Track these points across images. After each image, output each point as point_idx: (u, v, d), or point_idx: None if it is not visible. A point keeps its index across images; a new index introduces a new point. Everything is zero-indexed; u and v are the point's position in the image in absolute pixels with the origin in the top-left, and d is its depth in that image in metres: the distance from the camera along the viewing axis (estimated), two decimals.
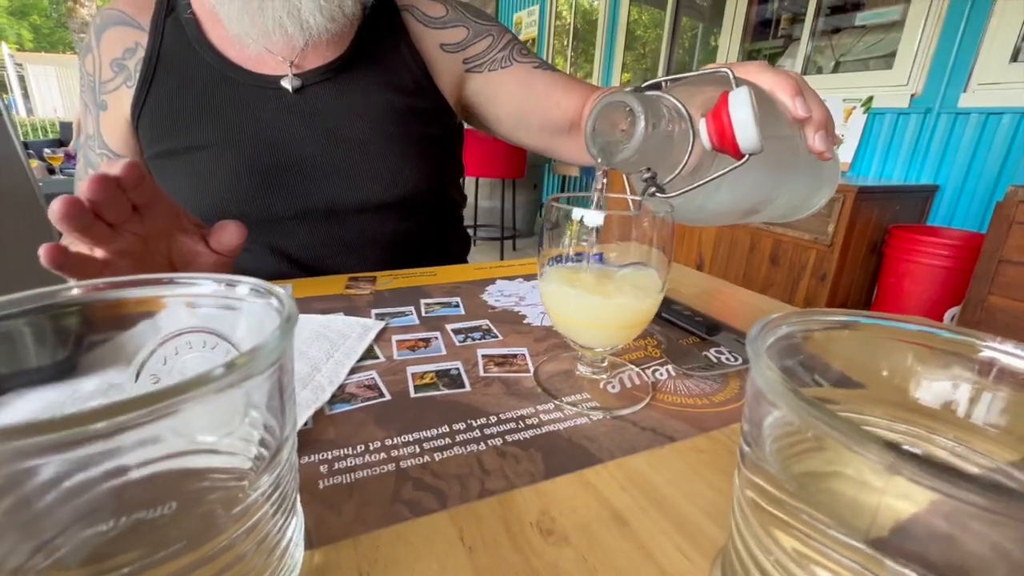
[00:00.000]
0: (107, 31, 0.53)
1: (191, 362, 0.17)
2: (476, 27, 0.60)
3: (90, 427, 0.11)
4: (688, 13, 3.42)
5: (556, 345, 0.33)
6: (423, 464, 0.21)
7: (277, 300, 0.15)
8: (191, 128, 0.51)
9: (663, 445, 0.24)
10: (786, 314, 0.14)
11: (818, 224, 1.82)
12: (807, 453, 0.12)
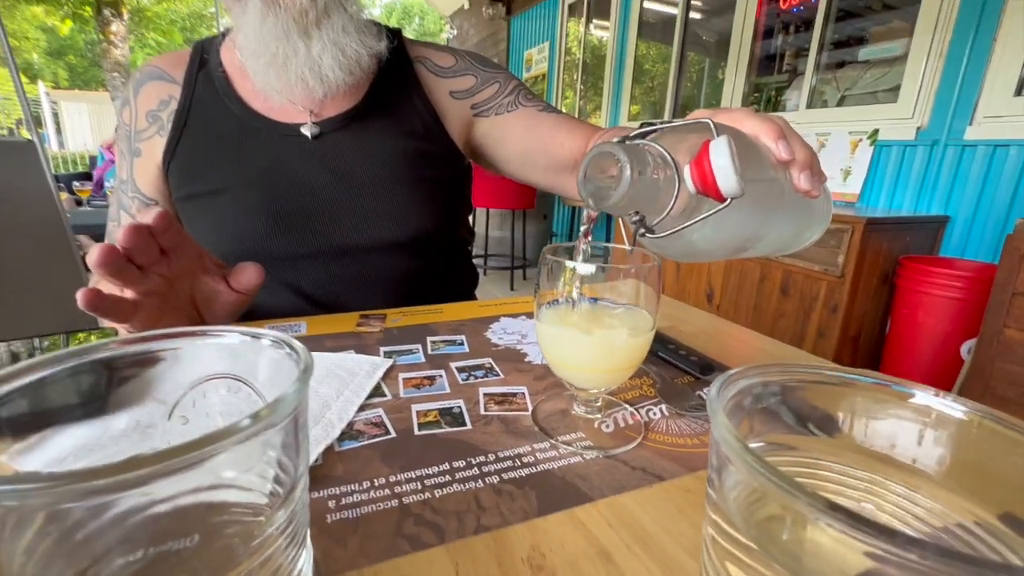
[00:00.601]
0: (145, 85, 0.58)
1: (217, 405, 0.19)
2: (484, 75, 0.64)
3: (143, 471, 0.13)
4: (694, 48, 3.52)
5: (554, 384, 0.35)
6: (424, 500, 0.23)
7: (295, 352, 0.17)
8: (215, 173, 0.54)
9: (652, 484, 0.25)
10: (744, 369, 0.16)
11: (827, 255, 1.82)
12: (759, 500, 0.14)
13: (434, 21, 17.84)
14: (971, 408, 0.14)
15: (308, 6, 0.49)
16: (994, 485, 0.13)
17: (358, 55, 0.53)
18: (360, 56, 0.54)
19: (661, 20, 3.68)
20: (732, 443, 0.13)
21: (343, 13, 0.52)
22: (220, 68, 0.58)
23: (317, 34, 0.51)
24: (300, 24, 0.50)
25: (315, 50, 0.51)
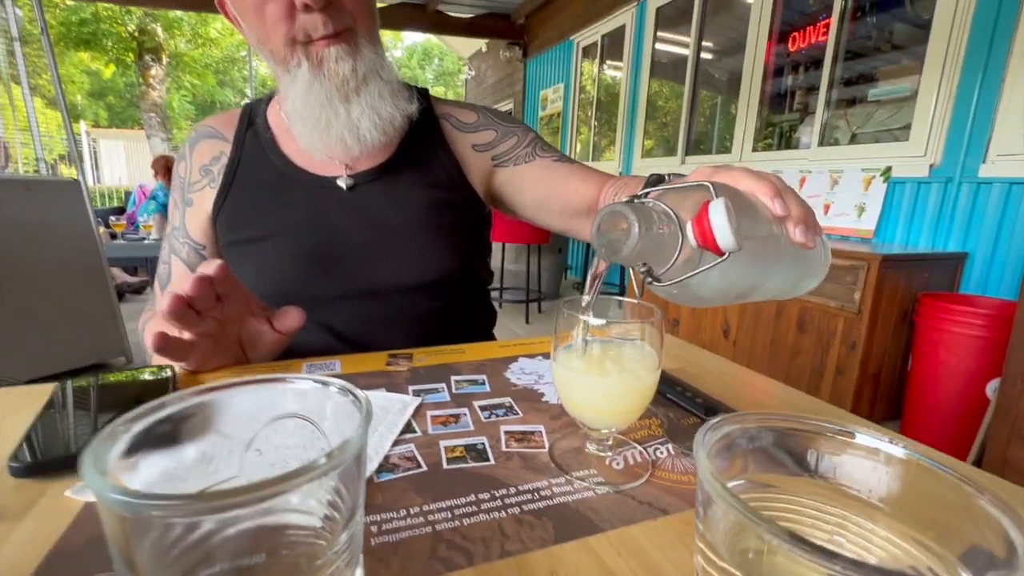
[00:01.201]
0: (200, 143, 0.65)
1: (287, 440, 0.23)
2: (503, 129, 0.69)
3: (244, 497, 0.16)
4: (706, 86, 3.62)
5: (569, 423, 0.38)
6: (454, 527, 0.26)
7: (358, 400, 0.20)
8: (259, 221, 0.60)
9: (657, 518, 0.28)
10: (726, 417, 0.19)
11: (844, 292, 1.82)
12: (739, 532, 0.17)
13: (453, 62, 18.61)
14: (909, 450, 0.17)
15: (349, 75, 0.55)
16: (929, 515, 0.16)
17: (392, 117, 0.59)
18: (393, 118, 0.59)
19: (673, 60, 3.81)
20: (712, 483, 0.16)
21: (379, 81, 0.58)
22: (266, 127, 0.65)
23: (356, 100, 0.57)
24: (342, 91, 0.56)
25: (354, 114, 0.57)
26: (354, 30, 0.56)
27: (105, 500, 0.15)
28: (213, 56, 15.30)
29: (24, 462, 0.29)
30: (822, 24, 2.60)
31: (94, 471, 0.16)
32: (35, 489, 0.28)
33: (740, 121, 3.02)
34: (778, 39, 2.88)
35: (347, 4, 0.54)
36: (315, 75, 0.55)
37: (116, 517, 0.16)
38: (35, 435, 0.32)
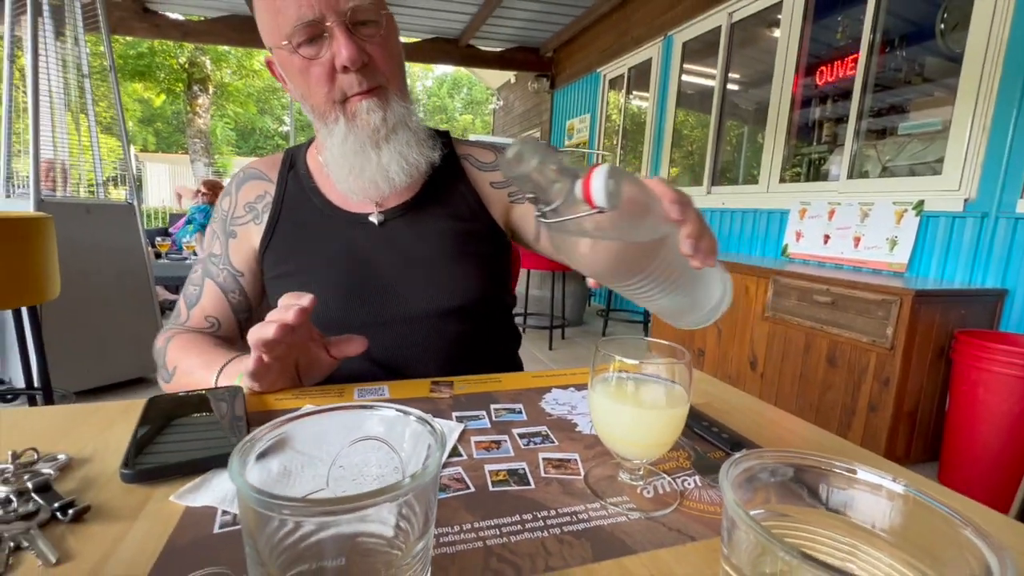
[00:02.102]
0: (246, 183, 0.73)
1: (367, 459, 0.27)
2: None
3: (343, 506, 0.20)
4: (732, 116, 3.66)
5: (602, 452, 0.41)
6: (503, 543, 0.29)
7: (433, 428, 0.24)
8: (303, 256, 0.66)
9: (685, 543, 0.30)
10: (749, 453, 0.22)
11: (875, 326, 1.79)
12: (760, 555, 0.20)
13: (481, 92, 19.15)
14: (906, 486, 0.20)
15: (380, 125, 0.62)
16: (925, 544, 0.19)
17: (417, 163, 0.65)
18: (419, 163, 0.66)
19: (699, 91, 3.87)
20: (736, 510, 0.19)
21: (407, 130, 0.65)
22: (306, 170, 0.72)
23: (386, 146, 0.63)
24: (373, 139, 0.63)
25: (384, 159, 0.63)
26: (385, 87, 0.62)
27: (245, 496, 0.20)
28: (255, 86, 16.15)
29: (133, 470, 0.34)
30: (850, 59, 2.62)
31: (239, 475, 0.20)
32: (143, 494, 0.33)
33: (767, 151, 3.03)
34: (805, 72, 2.91)
35: (379, 65, 0.61)
36: (350, 128, 0.62)
37: (250, 510, 0.20)
38: (138, 446, 0.36)
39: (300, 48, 0.58)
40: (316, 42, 0.58)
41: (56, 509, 0.30)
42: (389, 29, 0.62)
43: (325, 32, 0.57)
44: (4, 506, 0.30)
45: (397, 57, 0.64)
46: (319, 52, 0.58)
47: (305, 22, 0.56)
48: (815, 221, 2.55)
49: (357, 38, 0.58)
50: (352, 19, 0.58)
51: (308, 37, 0.57)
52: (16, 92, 2.50)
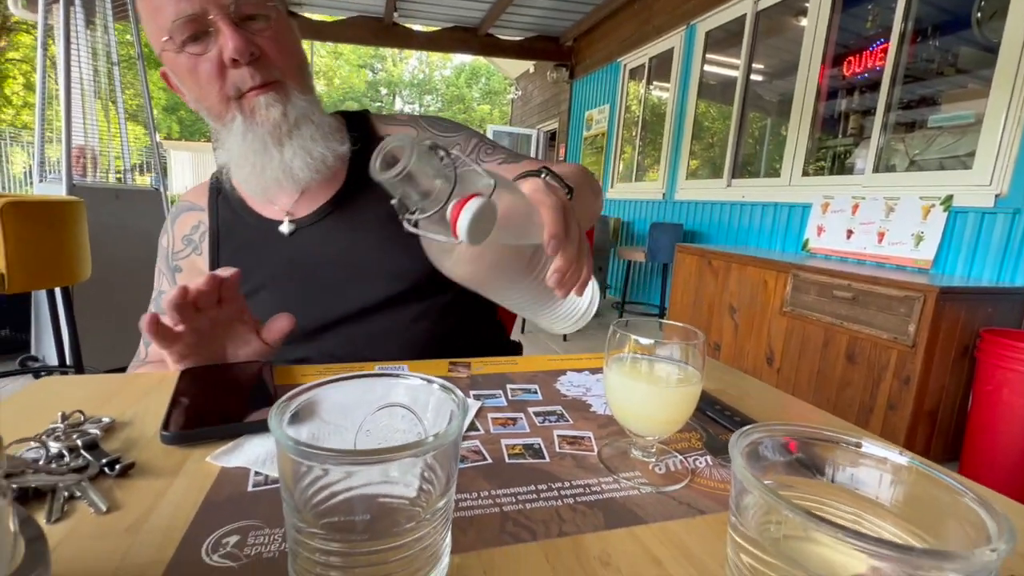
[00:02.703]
0: (179, 216, 0.73)
1: (393, 424, 0.28)
2: (444, 141, 0.70)
3: (370, 457, 0.22)
4: (755, 108, 3.59)
5: (615, 431, 0.42)
6: (519, 510, 0.31)
7: (456, 396, 0.26)
8: (249, 278, 0.64)
9: (695, 516, 0.31)
10: (757, 426, 0.23)
11: (897, 323, 1.76)
12: (765, 514, 0.21)
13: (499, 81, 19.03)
14: (911, 459, 0.21)
15: (280, 121, 0.60)
16: (927, 512, 0.20)
17: (323, 156, 0.63)
18: (325, 157, 0.63)
19: (721, 82, 3.80)
20: (744, 474, 0.20)
21: (310, 124, 0.63)
22: (232, 189, 0.70)
23: (289, 143, 0.61)
24: (275, 135, 0.61)
25: (287, 156, 0.61)
26: (282, 82, 0.60)
27: (284, 447, 0.21)
28: None
29: (172, 433, 0.36)
30: (880, 49, 2.54)
31: (278, 427, 0.22)
32: (181, 455, 0.35)
33: (790, 144, 2.97)
34: (832, 62, 2.84)
35: (273, 59, 0.59)
36: (249, 124, 0.60)
37: (289, 460, 0.22)
38: (175, 411, 0.39)
39: (186, 46, 0.56)
40: (202, 39, 0.56)
41: (104, 464, 0.32)
42: (280, 23, 0.60)
43: (210, 27, 0.56)
44: (57, 460, 0.32)
45: (293, 52, 0.62)
46: (206, 49, 0.56)
47: (185, 17, 0.54)
48: (838, 216, 2.50)
49: (245, 32, 0.57)
50: (237, 13, 0.56)
51: (192, 34, 0.56)
52: (48, 80, 2.57)
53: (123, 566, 0.25)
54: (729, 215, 3.39)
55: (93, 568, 0.24)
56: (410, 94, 21.45)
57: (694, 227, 3.71)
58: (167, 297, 0.45)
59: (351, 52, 18.72)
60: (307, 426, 0.27)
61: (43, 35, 2.45)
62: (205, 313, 0.48)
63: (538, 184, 0.39)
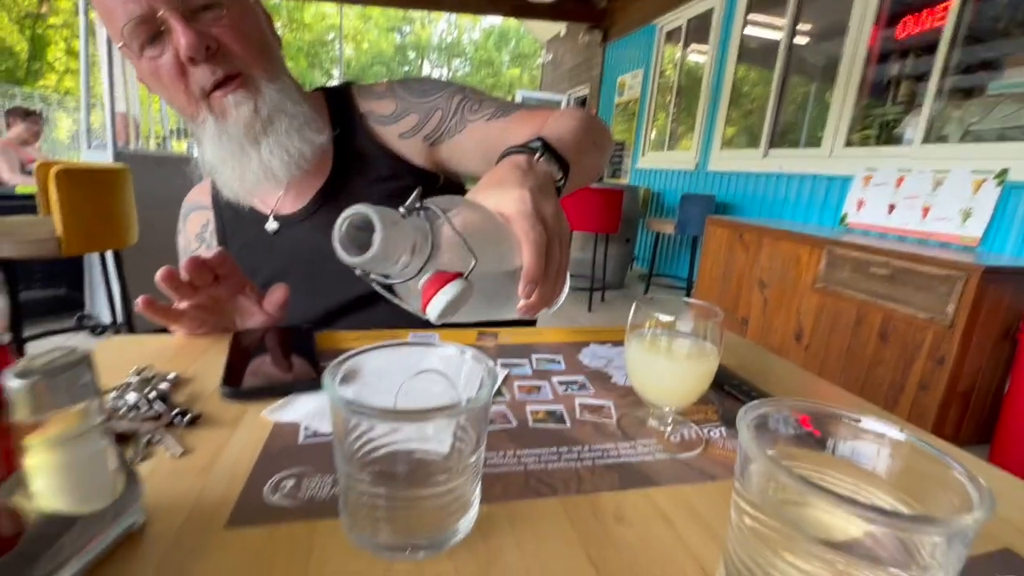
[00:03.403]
0: (189, 216, 0.75)
1: (429, 389, 0.31)
2: (425, 107, 0.68)
3: (411, 415, 0.24)
4: (798, 72, 3.40)
5: (635, 402, 0.44)
6: (541, 469, 0.34)
7: (487, 365, 0.28)
8: (258, 274, 0.65)
9: (706, 482, 0.34)
10: (763, 400, 0.25)
11: (935, 302, 1.70)
12: (771, 487, 0.23)
13: (529, 44, 18.45)
14: (908, 435, 0.22)
15: (251, 118, 0.59)
16: (919, 484, 0.21)
17: (300, 151, 0.62)
18: (303, 152, 0.62)
19: (763, 45, 3.61)
20: (750, 444, 0.22)
21: (286, 117, 0.61)
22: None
23: (265, 141, 0.60)
24: (249, 135, 0.59)
25: (264, 156, 0.61)
26: (248, 74, 0.58)
27: (337, 404, 0.24)
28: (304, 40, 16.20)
29: (231, 389, 0.40)
30: (940, 6, 2.36)
31: (332, 386, 0.25)
32: (239, 409, 0.39)
33: (834, 111, 2.83)
34: (886, 23, 2.66)
35: (233, 50, 0.57)
36: (221, 127, 0.59)
37: (340, 416, 0.25)
38: (232, 370, 0.43)
39: (144, 50, 0.55)
40: (158, 41, 0.54)
41: (175, 414, 0.36)
42: (236, 8, 0.58)
43: (162, 26, 0.53)
44: (136, 410, 0.36)
45: (254, 38, 0.60)
46: (163, 50, 0.55)
47: (135, 18, 0.52)
48: (880, 189, 2.40)
49: (198, 25, 0.54)
50: (187, 5, 0.54)
51: (147, 36, 0.54)
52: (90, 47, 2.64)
53: (200, 501, 0.29)
54: (764, 187, 3.28)
55: (175, 502, 0.28)
56: (438, 58, 21.05)
57: (726, 199, 3.61)
58: (158, 277, 0.46)
59: (380, 15, 18.39)
60: (352, 387, 0.30)
61: (84, 3, 2.51)
62: (205, 291, 0.49)
63: (523, 202, 0.36)
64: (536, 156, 0.45)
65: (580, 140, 0.54)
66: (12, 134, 3.70)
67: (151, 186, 2.44)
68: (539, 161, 0.45)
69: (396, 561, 0.26)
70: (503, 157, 0.46)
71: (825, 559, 0.20)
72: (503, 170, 0.41)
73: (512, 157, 0.44)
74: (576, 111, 0.62)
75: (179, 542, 0.26)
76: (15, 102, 7.93)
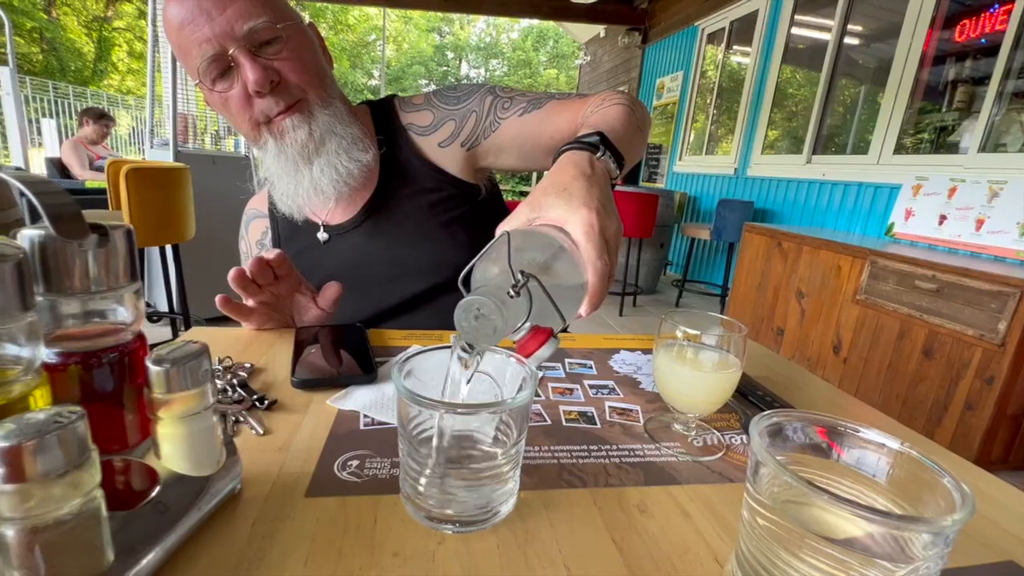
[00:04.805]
0: (251, 224, 0.81)
1: (477, 387, 0.35)
2: (459, 114, 0.73)
3: (464, 408, 0.29)
4: (846, 74, 3.29)
5: (661, 407, 0.47)
6: (572, 463, 0.37)
7: (528, 368, 0.32)
8: (312, 279, 0.68)
9: (725, 484, 0.37)
10: (776, 411, 0.28)
11: (985, 319, 1.64)
12: (779, 489, 0.26)
13: (567, 44, 18.39)
14: (904, 445, 0.25)
15: (307, 140, 0.65)
16: (913, 491, 0.24)
17: (348, 171, 0.67)
18: (350, 171, 0.67)
19: (810, 46, 3.51)
20: (760, 450, 0.25)
21: (335, 137, 0.66)
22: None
23: (317, 160, 0.66)
24: (303, 154, 0.66)
25: (315, 174, 0.66)
26: (305, 99, 0.64)
27: (402, 394, 0.29)
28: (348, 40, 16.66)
29: (299, 379, 0.45)
30: (1002, 9, 2.25)
31: (399, 379, 0.29)
32: (307, 397, 0.44)
33: (883, 118, 2.73)
34: (943, 24, 2.55)
35: (292, 80, 0.63)
36: (280, 147, 0.65)
37: (404, 404, 0.29)
38: (299, 362, 0.48)
39: (215, 84, 0.61)
40: (228, 75, 0.61)
41: (255, 399, 0.42)
42: (296, 40, 0.63)
43: (231, 63, 0.60)
44: (224, 393, 0.42)
45: (312, 67, 0.65)
46: (232, 84, 0.61)
47: (209, 58, 0.59)
48: (931, 199, 2.30)
49: (263, 59, 0.60)
50: (252, 41, 0.59)
51: (219, 72, 0.60)
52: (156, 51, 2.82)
53: (282, 473, 0.34)
54: (806, 194, 3.19)
55: (263, 472, 0.34)
56: (476, 58, 21.24)
57: (765, 205, 3.53)
58: (230, 277, 0.52)
59: (420, 16, 18.72)
60: (409, 381, 0.34)
61: (153, 11, 2.69)
62: (267, 289, 0.56)
63: (591, 227, 0.37)
64: (597, 155, 0.45)
65: (628, 127, 0.55)
66: (83, 133, 3.99)
67: (207, 182, 2.60)
68: (599, 160, 0.45)
69: (447, 533, 0.30)
70: (562, 151, 0.46)
71: (825, 552, 0.23)
72: (567, 175, 0.41)
73: (573, 155, 0.44)
74: (616, 95, 0.63)
75: (269, 506, 0.31)
76: (87, 101, 8.51)
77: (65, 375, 0.26)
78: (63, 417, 0.20)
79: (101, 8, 13.55)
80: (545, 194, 0.39)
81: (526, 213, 0.39)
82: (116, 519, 0.24)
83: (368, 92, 17.82)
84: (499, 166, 0.76)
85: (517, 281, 0.32)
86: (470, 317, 0.31)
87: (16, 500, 0.19)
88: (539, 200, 0.39)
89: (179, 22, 0.58)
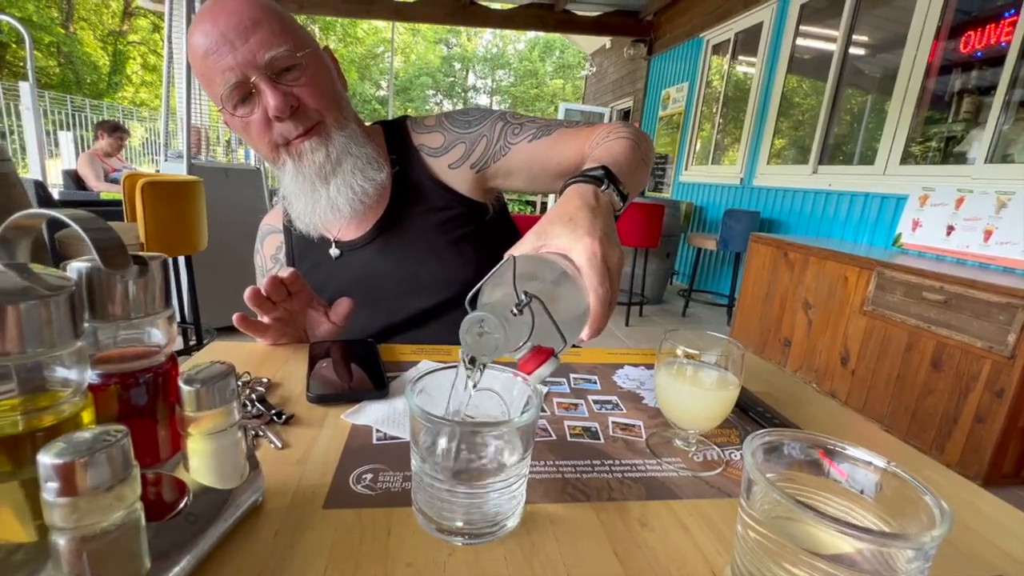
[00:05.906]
0: (266, 239, 0.84)
1: (484, 404, 0.37)
2: (470, 137, 0.75)
3: (473, 427, 0.30)
4: (852, 84, 3.30)
5: (663, 423, 0.49)
6: (576, 478, 0.39)
7: (534, 388, 0.34)
8: (324, 294, 0.71)
9: (724, 499, 0.38)
10: (769, 430, 0.29)
11: (995, 331, 1.63)
12: (770, 505, 0.27)
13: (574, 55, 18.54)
14: (888, 464, 0.26)
15: (324, 162, 0.67)
16: (897, 506, 0.26)
17: (364, 189, 0.70)
18: (365, 190, 0.70)
19: (815, 56, 3.52)
20: (752, 470, 0.27)
21: (351, 157, 0.69)
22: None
23: (334, 180, 0.69)
24: (321, 175, 0.68)
25: (332, 193, 0.69)
26: (322, 123, 0.67)
27: (415, 412, 0.30)
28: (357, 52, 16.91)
29: (314, 394, 0.47)
30: (1007, 21, 2.26)
31: (413, 397, 0.31)
32: (322, 412, 0.46)
33: (888, 128, 2.73)
34: (948, 35, 2.56)
35: (310, 104, 0.65)
36: (298, 168, 0.68)
37: (417, 421, 0.31)
38: (314, 378, 0.50)
39: (237, 110, 0.64)
40: (249, 101, 0.63)
41: (273, 414, 0.44)
42: (314, 67, 0.66)
43: (252, 89, 0.62)
44: (244, 408, 0.44)
45: (329, 91, 0.68)
46: (252, 110, 0.64)
47: (231, 85, 0.61)
48: (938, 209, 2.30)
49: (283, 86, 0.63)
50: (273, 69, 0.62)
51: (241, 97, 0.63)
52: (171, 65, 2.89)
53: (301, 485, 0.36)
54: (812, 204, 3.19)
55: (283, 484, 0.35)
56: (482, 69, 21.47)
57: (771, 215, 3.54)
58: (246, 296, 0.55)
59: (427, 28, 18.98)
60: (420, 398, 0.36)
61: (169, 27, 2.77)
62: (281, 306, 0.59)
63: (594, 256, 0.38)
64: (602, 188, 0.47)
65: (631, 161, 0.57)
66: (98, 146, 4.08)
67: (219, 194, 2.65)
68: (603, 192, 0.47)
69: (456, 545, 0.32)
70: (568, 184, 0.48)
71: (814, 566, 0.25)
72: (573, 206, 0.43)
73: (579, 188, 0.46)
74: (622, 128, 0.65)
75: (289, 517, 0.33)
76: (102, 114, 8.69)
77: (106, 394, 0.28)
78: (110, 436, 0.22)
79: (117, 23, 13.88)
80: (551, 223, 0.41)
81: (533, 240, 0.41)
82: (151, 528, 0.25)
83: (376, 103, 18.05)
84: (507, 187, 0.79)
85: (520, 301, 0.34)
86: (473, 332, 0.33)
87: (68, 512, 0.21)
88: (545, 228, 0.41)
89: (203, 51, 0.61)
